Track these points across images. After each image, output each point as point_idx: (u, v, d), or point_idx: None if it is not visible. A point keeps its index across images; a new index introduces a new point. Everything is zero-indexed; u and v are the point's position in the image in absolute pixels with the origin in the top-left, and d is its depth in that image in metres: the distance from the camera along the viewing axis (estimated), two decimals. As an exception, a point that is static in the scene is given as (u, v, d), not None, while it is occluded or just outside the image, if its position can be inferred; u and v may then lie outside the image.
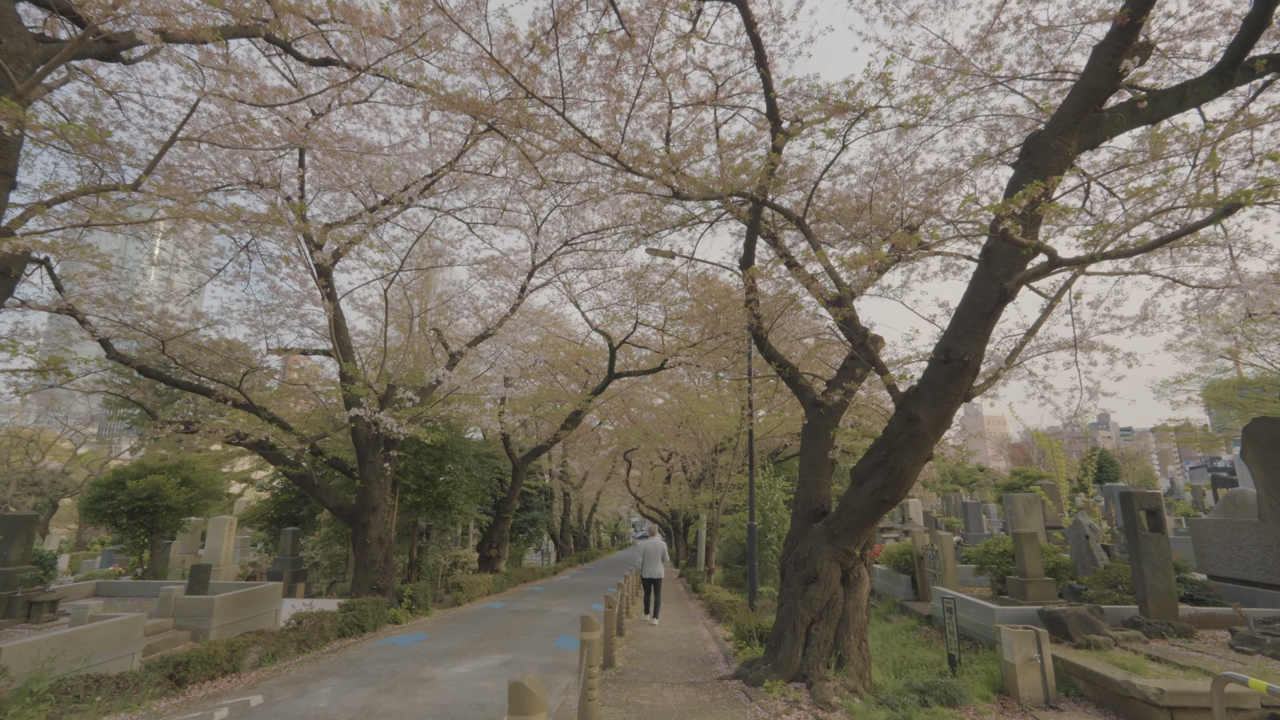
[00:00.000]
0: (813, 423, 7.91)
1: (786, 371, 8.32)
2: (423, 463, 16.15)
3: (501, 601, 15.29)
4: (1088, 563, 10.23)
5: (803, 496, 7.59)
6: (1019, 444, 70.03)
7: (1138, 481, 39.61)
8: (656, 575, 12.50)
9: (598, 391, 16.82)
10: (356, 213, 11.29)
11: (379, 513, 11.39)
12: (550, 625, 11.42)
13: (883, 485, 6.51)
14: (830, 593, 6.92)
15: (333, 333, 10.55)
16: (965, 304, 6.12)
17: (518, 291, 14.49)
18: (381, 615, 10.59)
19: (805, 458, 7.83)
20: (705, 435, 20.40)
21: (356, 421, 10.99)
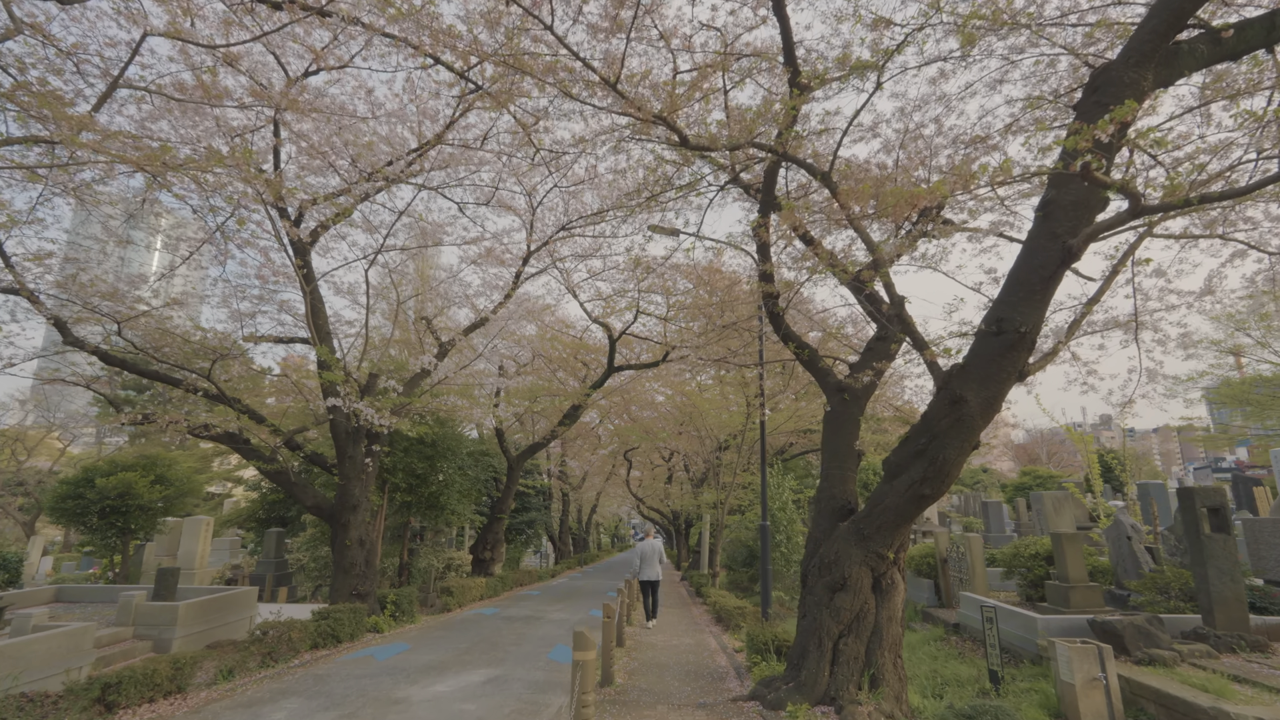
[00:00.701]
0: (836, 410, 7.01)
1: (806, 353, 7.43)
2: (413, 460, 15.26)
3: (494, 607, 14.38)
4: (1130, 566, 9.32)
5: (826, 492, 6.69)
6: (1023, 444, 69.02)
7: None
8: (654, 578, 11.95)
9: (597, 385, 15.93)
10: (338, 189, 10.42)
11: (359, 512, 10.49)
12: (544, 634, 10.51)
13: (922, 478, 5.61)
14: (860, 602, 6.02)
15: (309, 316, 9.67)
16: (1021, 267, 5.23)
17: (512, 279, 13.62)
18: (360, 624, 9.68)
19: (828, 449, 6.94)
20: (708, 433, 19.50)
21: (334, 413, 10.10)
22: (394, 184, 10.54)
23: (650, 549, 12.04)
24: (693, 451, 23.27)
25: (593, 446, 31.86)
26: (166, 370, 10.34)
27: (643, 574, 11.93)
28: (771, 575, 17.52)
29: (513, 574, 20.35)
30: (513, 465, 17.40)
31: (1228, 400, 25.27)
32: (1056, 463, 44.59)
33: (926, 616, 10.72)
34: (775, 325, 7.54)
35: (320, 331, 10.20)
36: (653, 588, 12.11)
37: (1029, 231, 5.29)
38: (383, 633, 10.24)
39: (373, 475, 11.10)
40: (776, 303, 7.44)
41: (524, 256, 13.69)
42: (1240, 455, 60.15)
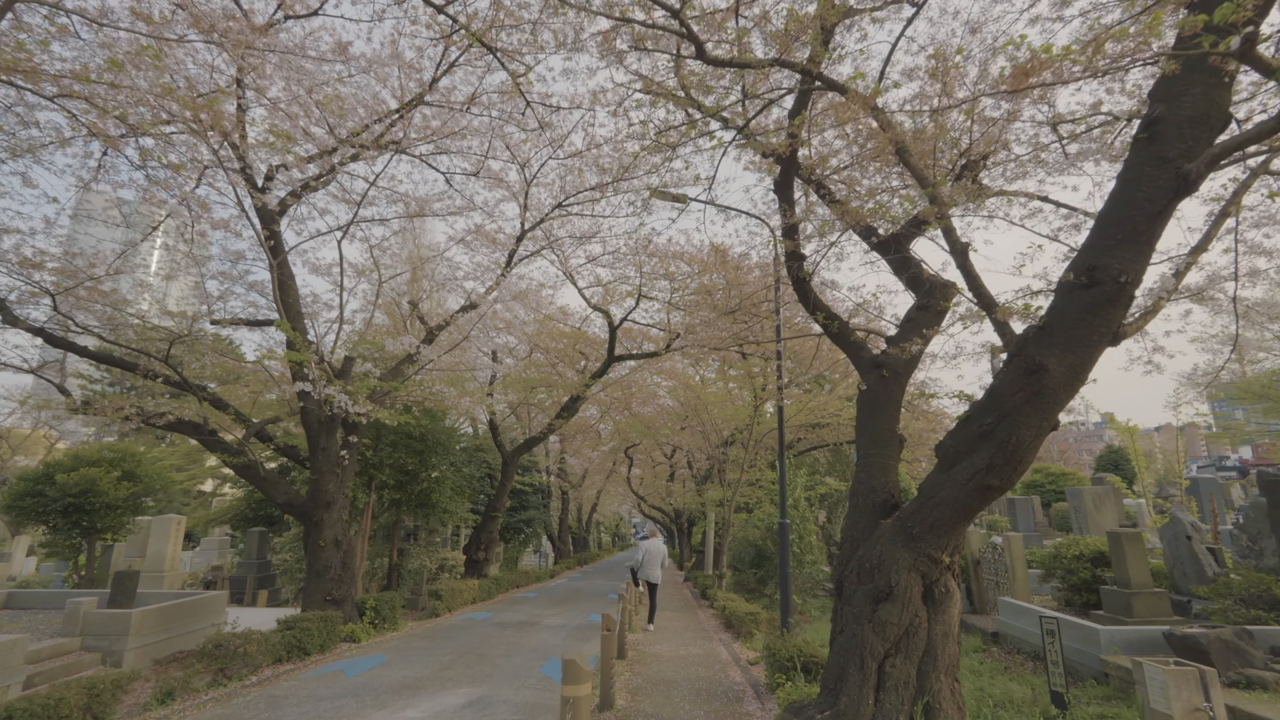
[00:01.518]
0: (873, 389, 5.97)
1: (835, 325, 6.39)
2: (402, 455, 14.24)
3: (487, 611, 13.34)
4: (1190, 569, 8.27)
5: (864, 484, 5.65)
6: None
7: (1160, 479, 37.57)
8: (655, 579, 11.31)
9: (598, 375, 14.89)
10: (311, 154, 9.40)
11: (334, 510, 9.45)
12: (538, 644, 9.47)
13: (987, 466, 4.58)
14: (910, 615, 4.98)
15: (276, 291, 8.64)
16: (1118, 204, 4.20)
17: (505, 260, 12.58)
18: (333, 633, 8.65)
19: (865, 434, 5.90)
20: (713, 427, 18.46)
21: (305, 400, 9.07)
22: (373, 150, 9.50)
23: (654, 549, 11.26)
24: (696, 448, 22.24)
25: (593, 444, 30.85)
26: (130, 356, 9.31)
27: (643, 573, 11.22)
28: (790, 580, 16.48)
29: (510, 575, 19.32)
30: (508, 461, 16.36)
31: (1246, 396, 24.19)
32: (1066, 461, 43.51)
33: (962, 625, 9.66)
34: (801, 293, 6.50)
35: (290, 310, 9.17)
36: (652, 590, 11.45)
37: (1126, 161, 4.26)
38: (359, 643, 9.21)
39: (351, 470, 10.06)
40: (802, 265, 6.40)
41: (517, 236, 12.66)
42: (1244, 454, 59.04)
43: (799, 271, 6.42)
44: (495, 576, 16.80)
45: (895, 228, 6.62)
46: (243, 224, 8.86)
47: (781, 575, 7.74)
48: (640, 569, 11.24)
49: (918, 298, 6.41)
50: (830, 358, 15.73)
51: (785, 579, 7.71)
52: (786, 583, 7.70)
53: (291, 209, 10.08)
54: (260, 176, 9.29)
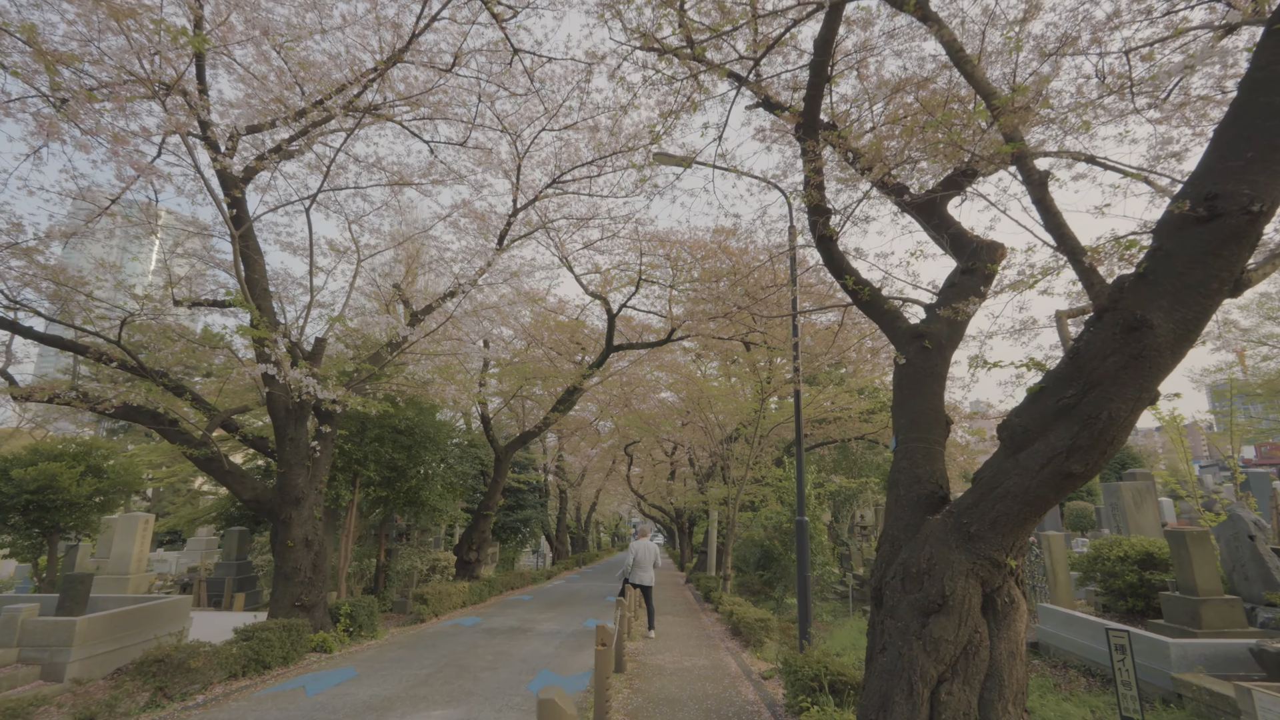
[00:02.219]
0: (914, 363, 5.07)
1: (866, 291, 5.49)
2: (388, 450, 13.33)
3: (476, 616, 12.43)
4: (1253, 573, 7.36)
5: (906, 473, 4.74)
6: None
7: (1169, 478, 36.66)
8: (649, 583, 10.43)
9: (597, 365, 13.99)
10: (278, 116, 8.50)
11: (304, 507, 8.54)
12: (528, 654, 8.55)
13: (1068, 449, 3.68)
14: (968, 630, 4.07)
15: (238, 264, 7.74)
16: (1245, 112, 3.30)
17: (497, 241, 11.68)
18: (300, 643, 7.73)
19: (904, 415, 4.99)
20: (716, 422, 17.54)
21: (270, 385, 8.16)
22: (347, 114, 8.60)
23: (645, 550, 10.44)
24: (698, 444, 21.34)
25: (592, 441, 29.97)
26: (81, 338, 8.42)
27: (634, 577, 10.32)
28: (786, 580, 15.57)
29: (504, 576, 18.42)
30: (500, 456, 15.44)
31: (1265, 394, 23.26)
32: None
33: (987, 631, 8.77)
34: (826, 254, 5.59)
35: (255, 288, 8.27)
36: (647, 594, 10.56)
37: (1255, 60, 3.36)
38: (330, 653, 8.29)
39: (324, 463, 9.15)
40: (827, 221, 5.49)
41: (509, 215, 11.76)
42: (1246, 454, 58.27)
43: (824, 228, 5.52)
44: (488, 578, 15.89)
45: (936, 178, 5.74)
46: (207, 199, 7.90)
47: (800, 581, 6.82)
48: (631, 573, 10.29)
49: (960, 261, 5.52)
50: (839, 347, 14.83)
51: (804, 585, 6.79)
52: (806, 589, 6.78)
53: (260, 179, 9.20)
54: (224, 141, 8.39)
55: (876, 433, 19.51)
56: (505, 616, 12.37)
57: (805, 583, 6.78)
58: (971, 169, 5.61)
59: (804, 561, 6.80)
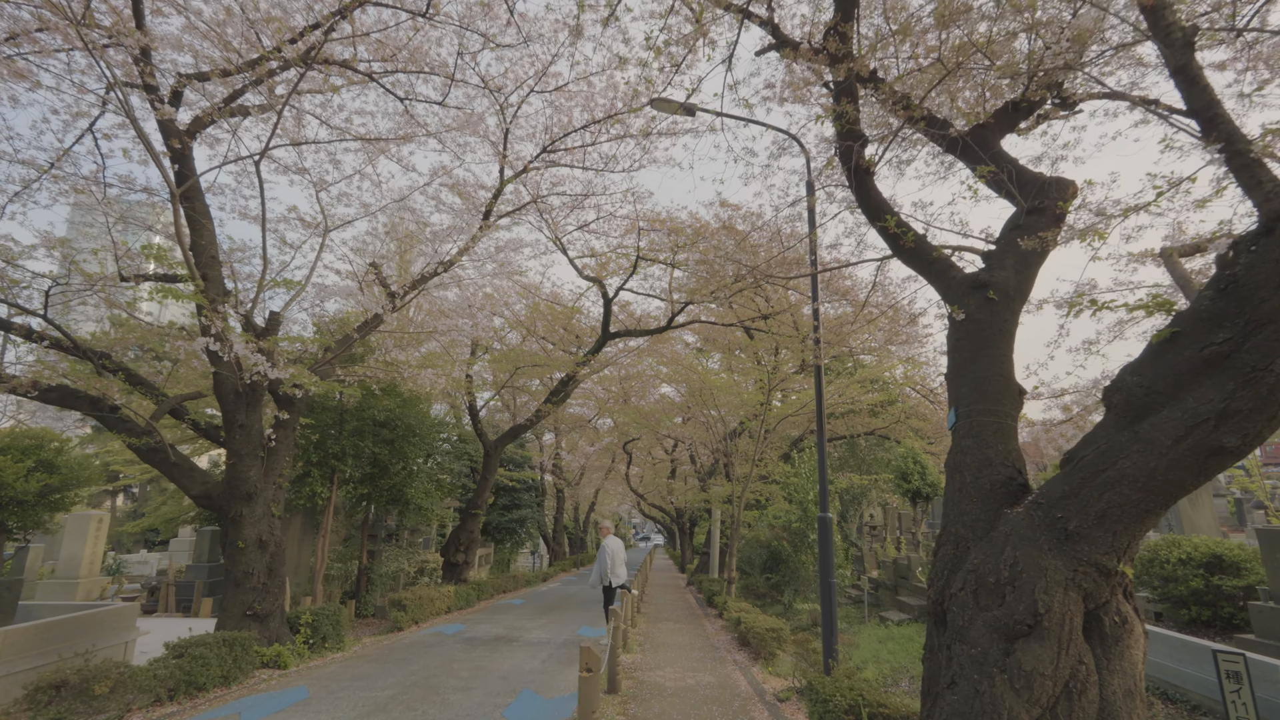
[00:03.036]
0: (976, 319, 4.03)
1: (910, 236, 4.46)
2: (368, 444, 12.30)
3: (460, 623, 11.37)
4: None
5: (972, 455, 3.70)
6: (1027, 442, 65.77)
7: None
8: (625, 581, 9.65)
9: (594, 351, 12.95)
10: (232, 66, 7.49)
11: (258, 502, 7.50)
12: (510, 669, 7.50)
13: (1221, 413, 2.68)
14: (1070, 661, 3.03)
15: (179, 225, 6.70)
16: None
17: (480, 216, 10.65)
18: (245, 659, 6.68)
19: (965, 383, 3.95)
20: (718, 418, 16.49)
21: (217, 364, 7.12)
22: (307, 66, 7.57)
23: (619, 549, 9.58)
24: (700, 441, 20.30)
25: (591, 439, 28.94)
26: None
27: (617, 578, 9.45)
28: (796, 583, 14.48)
29: (497, 579, 17.38)
30: (490, 452, 14.39)
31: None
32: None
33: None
34: (860, 191, 4.56)
35: (200, 254, 7.24)
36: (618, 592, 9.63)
37: None
38: (285, 669, 7.23)
39: (282, 455, 8.11)
40: (863, 150, 4.46)
41: (496, 188, 10.74)
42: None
43: (858, 159, 4.48)
44: (477, 581, 14.84)
45: (996, 101, 4.71)
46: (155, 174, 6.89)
47: (824, 587, 5.76)
48: (610, 572, 9.38)
49: (1025, 200, 4.48)
50: (850, 331, 13.81)
51: (829, 592, 5.73)
52: (831, 596, 5.72)
53: (221, 145, 8.19)
54: (167, 90, 7.37)
55: (887, 428, 18.48)
56: (492, 624, 11.32)
57: (830, 590, 5.73)
58: (1032, 101, 4.60)
59: (828, 564, 5.75)
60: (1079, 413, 5.24)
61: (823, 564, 5.78)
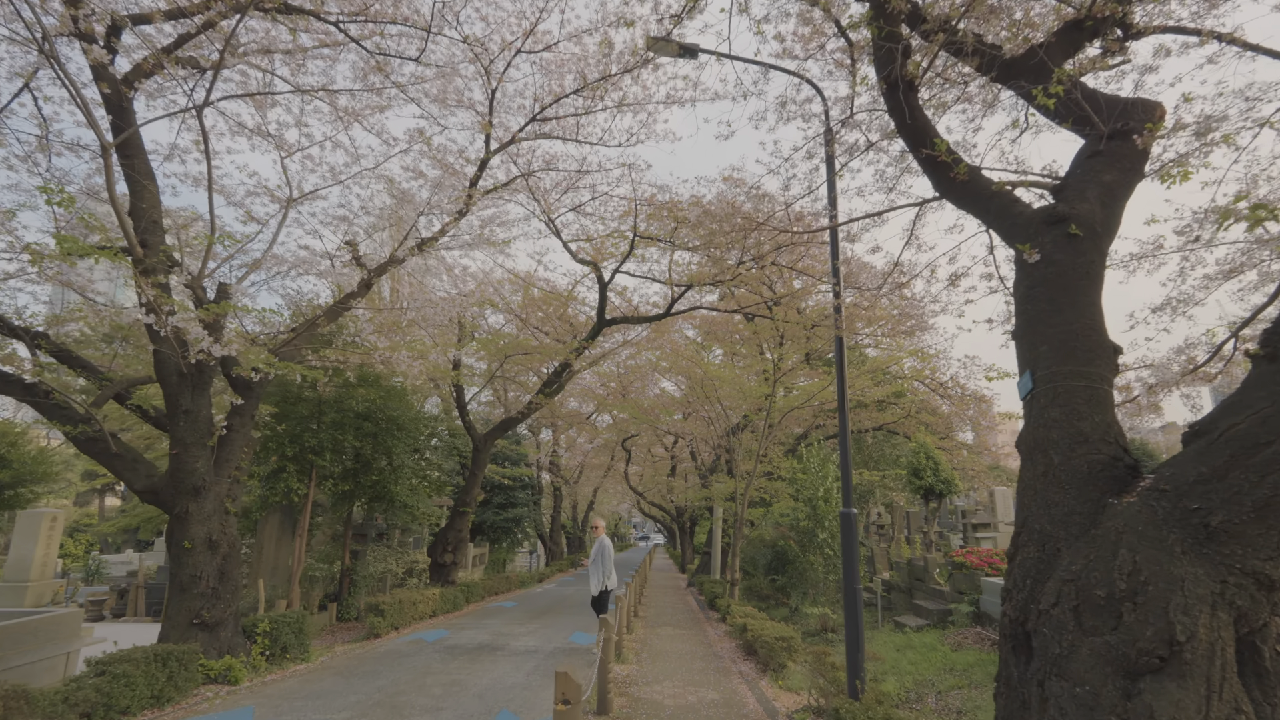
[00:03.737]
0: (1056, 258, 3.16)
1: (961, 168, 3.60)
2: (349, 437, 11.47)
3: (445, 629, 10.51)
4: None
5: (1063, 429, 2.83)
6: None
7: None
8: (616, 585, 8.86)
9: (591, 337, 12.08)
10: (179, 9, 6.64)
11: (206, 498, 6.64)
12: (489, 685, 6.65)
13: None
14: (1225, 709, 2.17)
15: (110, 183, 5.84)
16: None
17: (466, 185, 9.80)
18: (185, 675, 5.82)
19: (1044, 340, 3.08)
20: (721, 411, 15.63)
21: (157, 341, 6.26)
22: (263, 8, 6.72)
23: (610, 550, 8.76)
24: (701, 437, 19.44)
25: (589, 436, 28.10)
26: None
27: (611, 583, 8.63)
28: (803, 586, 13.54)
29: (489, 580, 16.53)
30: (479, 446, 13.54)
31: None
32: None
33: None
34: (901, 114, 3.70)
35: (139, 217, 6.39)
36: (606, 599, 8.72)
37: None
38: (236, 684, 6.38)
39: (238, 445, 7.26)
40: (904, 59, 3.60)
41: (480, 161, 9.89)
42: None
43: (899, 70, 3.62)
44: (467, 583, 13.98)
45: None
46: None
47: (848, 595, 4.88)
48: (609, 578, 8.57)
49: (1102, 124, 3.61)
50: (862, 315, 12.95)
51: (855, 601, 4.84)
52: (857, 606, 4.84)
53: (170, 104, 7.35)
54: (101, 33, 6.52)
55: (895, 423, 17.60)
56: (478, 629, 10.46)
57: (855, 597, 4.85)
58: (1099, 17, 3.75)
59: (852, 567, 4.87)
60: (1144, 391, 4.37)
61: (846, 566, 4.92)
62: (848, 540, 4.93)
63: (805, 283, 13.29)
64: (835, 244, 5.18)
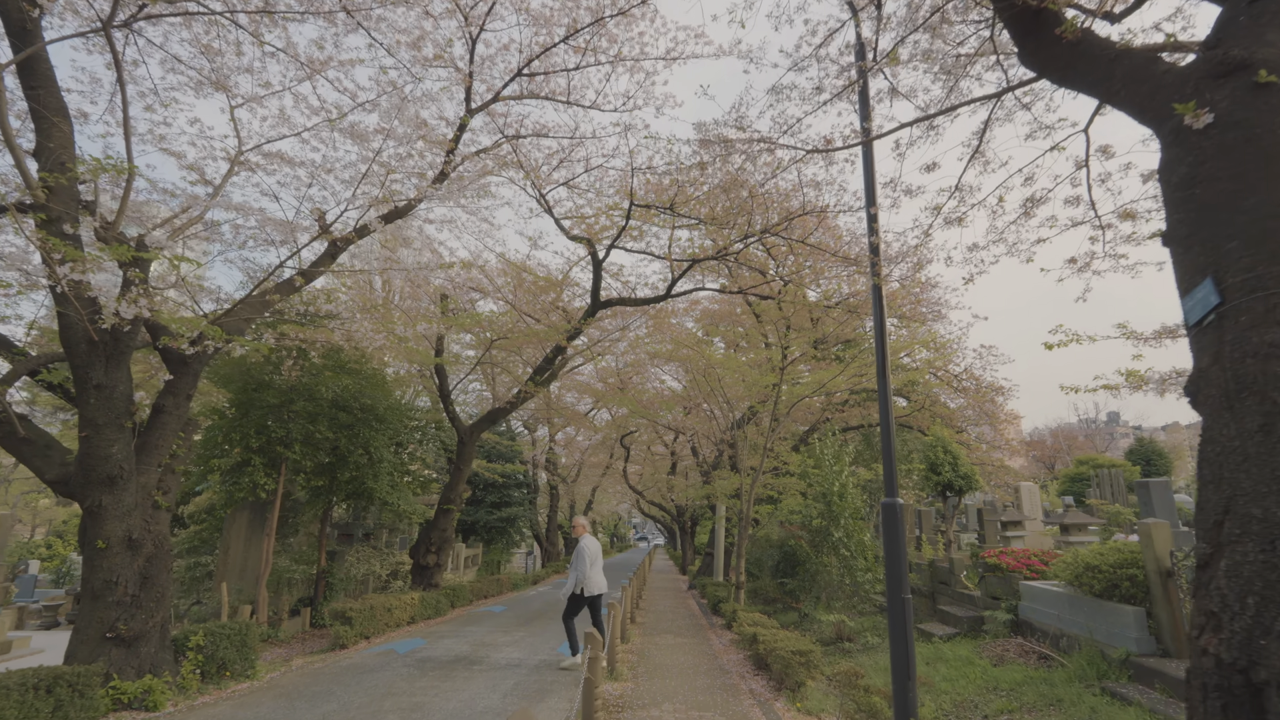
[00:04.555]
0: (1238, 118, 2.13)
1: (1069, 26, 2.57)
2: (321, 428, 10.47)
3: (422, 637, 9.47)
4: None
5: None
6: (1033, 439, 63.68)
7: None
8: (603, 588, 7.75)
9: (588, 315, 11.05)
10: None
11: (123, 489, 5.60)
12: (458, 708, 5.60)
13: None
14: None
15: (0, 105, 4.82)
16: None
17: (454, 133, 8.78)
18: (84, 703, 4.78)
19: (1233, 230, 2.05)
20: (725, 399, 14.60)
21: (61, 303, 5.23)
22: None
23: (597, 550, 7.75)
24: (703, 433, 18.40)
25: (588, 434, 27.07)
26: None
27: (592, 585, 7.54)
28: (909, 615, 12.41)
29: (478, 582, 15.49)
30: (465, 438, 12.49)
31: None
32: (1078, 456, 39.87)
33: (1136, 672, 5.82)
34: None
35: (47, 158, 5.37)
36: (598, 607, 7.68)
37: None
38: (156, 710, 5.33)
39: (168, 429, 6.22)
40: None
41: (459, 122, 8.88)
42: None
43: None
44: (452, 586, 12.93)
45: None
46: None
47: (893, 609, 3.82)
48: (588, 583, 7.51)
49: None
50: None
51: (902, 615, 3.78)
52: (905, 621, 3.78)
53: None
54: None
55: (909, 416, 16.56)
56: (458, 638, 9.41)
57: (904, 610, 3.79)
58: None
59: (898, 573, 3.83)
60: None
61: (890, 570, 3.86)
62: (891, 537, 3.89)
63: (815, 263, 12.26)
64: (869, 161, 4.13)
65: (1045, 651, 6.81)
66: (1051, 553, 8.24)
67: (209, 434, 10.17)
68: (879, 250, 4.14)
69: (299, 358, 9.63)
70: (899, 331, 15.78)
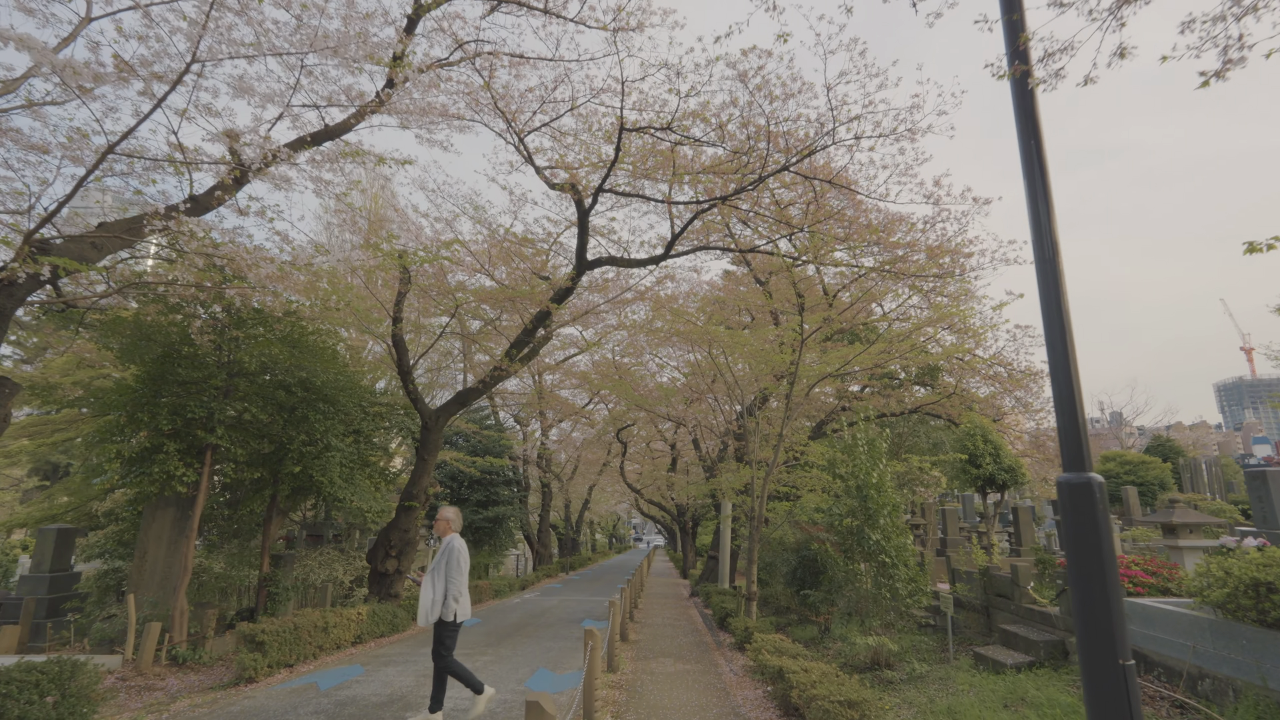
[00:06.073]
0: None
1: None
2: (254, 410, 8.63)
3: (360, 664, 7.54)
4: None
5: None
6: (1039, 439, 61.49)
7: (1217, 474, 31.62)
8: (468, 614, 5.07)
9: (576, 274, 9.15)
10: None
11: None
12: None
13: None
14: None
15: None
16: None
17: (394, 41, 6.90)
18: None
19: None
20: (733, 382, 12.69)
21: None
22: None
23: (461, 552, 5.01)
24: (706, 424, 16.50)
25: (583, 429, 25.20)
26: None
27: (465, 609, 4.98)
28: (838, 601, 10.46)
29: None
30: (429, 424, 10.56)
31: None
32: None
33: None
34: None
35: None
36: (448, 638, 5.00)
37: None
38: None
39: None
40: None
41: (409, 16, 7.01)
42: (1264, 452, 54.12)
43: None
44: (416, 596, 11.00)
45: None
46: None
47: (1099, 686, 1.95)
48: (460, 606, 4.92)
49: None
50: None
51: (1125, 690, 1.92)
52: (1130, 692, 1.92)
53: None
54: None
55: (937, 403, 14.63)
56: (405, 665, 7.48)
57: (1129, 688, 1.91)
58: None
59: (1109, 581, 1.95)
60: None
61: (1083, 598, 1.98)
62: (1083, 531, 2.00)
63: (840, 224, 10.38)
64: None
65: (1183, 699, 4.89)
66: (1160, 561, 6.32)
67: (103, 411, 8.29)
68: (1023, 25, 2.26)
69: (214, 321, 7.75)
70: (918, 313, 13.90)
